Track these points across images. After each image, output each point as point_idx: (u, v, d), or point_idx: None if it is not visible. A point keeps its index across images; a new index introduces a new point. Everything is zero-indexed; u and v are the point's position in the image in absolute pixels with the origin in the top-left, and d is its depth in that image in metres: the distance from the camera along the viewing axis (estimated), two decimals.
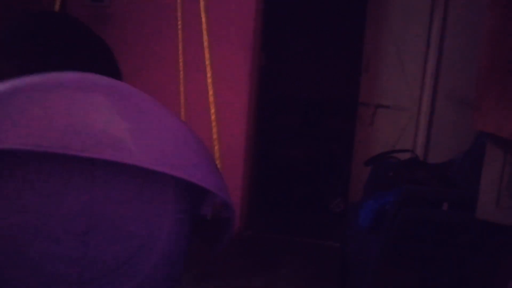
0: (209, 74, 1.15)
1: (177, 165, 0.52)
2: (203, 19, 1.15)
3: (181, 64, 1.16)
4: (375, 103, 3.06)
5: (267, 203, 3.83)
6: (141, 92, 0.55)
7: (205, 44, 1.19)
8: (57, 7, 1.09)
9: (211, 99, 1.09)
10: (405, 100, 2.90)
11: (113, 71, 0.67)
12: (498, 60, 1.50)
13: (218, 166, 0.95)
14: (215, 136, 1.06)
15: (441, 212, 2.08)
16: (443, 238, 1.89)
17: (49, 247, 0.52)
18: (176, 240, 0.57)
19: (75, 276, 0.53)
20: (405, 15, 2.89)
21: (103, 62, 0.67)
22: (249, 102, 3.03)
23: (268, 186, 4.03)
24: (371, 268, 1.93)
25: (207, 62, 1.17)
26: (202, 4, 1.15)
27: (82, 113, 0.49)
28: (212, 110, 1.09)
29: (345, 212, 3.07)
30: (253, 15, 2.91)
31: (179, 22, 1.20)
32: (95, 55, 0.66)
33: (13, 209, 0.51)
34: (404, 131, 2.91)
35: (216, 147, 1.06)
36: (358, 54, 3.25)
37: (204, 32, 1.19)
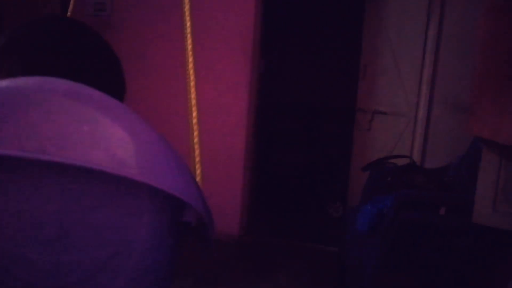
0: (192, 77, 1.16)
1: (146, 172, 0.50)
2: (188, 23, 1.17)
3: (191, 71, 1.16)
4: (373, 109, 3.09)
5: (266, 207, 3.84)
6: (118, 102, 0.54)
7: (189, 48, 1.21)
8: (69, 13, 1.10)
9: (193, 101, 1.07)
10: (402, 106, 2.93)
11: (119, 78, 0.70)
12: (492, 66, 1.53)
13: (199, 173, 0.96)
14: (196, 139, 1.03)
15: (438, 216, 2.11)
16: (440, 242, 1.91)
17: (18, 251, 0.51)
18: (154, 249, 0.55)
19: (49, 283, 0.52)
20: (402, 22, 2.93)
21: (110, 69, 0.68)
22: (249, 108, 3.06)
23: (267, 191, 4.05)
24: (369, 272, 1.95)
25: (190, 66, 1.18)
26: (187, 8, 1.15)
27: (53, 119, 0.48)
28: (194, 114, 1.08)
29: (343, 217, 3.09)
30: (253, 23, 2.94)
31: (188, 28, 1.21)
32: (102, 62, 0.67)
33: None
34: (401, 136, 2.94)
35: (197, 152, 1.02)
36: (355, 61, 3.28)
37: (188, 36, 1.20)
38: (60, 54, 0.63)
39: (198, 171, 0.96)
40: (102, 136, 0.49)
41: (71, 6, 1.19)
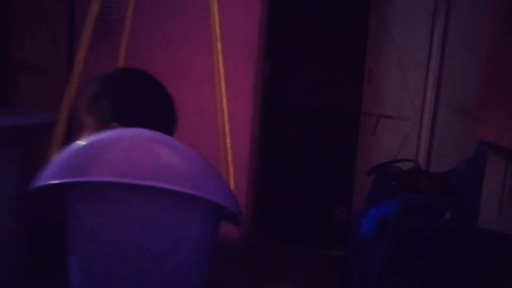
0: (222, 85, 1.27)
1: (201, 189, 0.76)
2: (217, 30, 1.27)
3: (222, 78, 1.25)
4: (378, 113, 3.08)
5: (270, 211, 3.84)
6: (176, 140, 0.80)
7: (218, 55, 1.31)
8: (120, 63, 1.33)
9: (225, 115, 1.28)
10: (407, 110, 2.93)
11: (174, 115, 1.00)
12: (498, 70, 1.52)
13: (232, 175, 1.24)
14: (228, 146, 1.26)
15: (444, 221, 2.09)
16: (445, 247, 1.90)
17: (116, 239, 0.77)
18: (203, 237, 0.82)
19: (135, 257, 0.77)
20: (407, 26, 2.92)
21: (168, 109, 0.97)
22: (253, 112, 3.06)
23: (272, 194, 4.05)
24: (374, 277, 1.94)
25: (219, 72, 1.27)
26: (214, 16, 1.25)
27: (144, 156, 0.74)
28: (226, 126, 1.21)
29: (348, 221, 3.08)
30: (257, 27, 2.95)
31: (217, 34, 1.29)
32: (163, 105, 0.97)
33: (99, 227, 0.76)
34: (406, 140, 2.93)
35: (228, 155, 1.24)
36: (360, 65, 3.28)
37: (218, 44, 1.30)
38: (136, 99, 0.91)
39: (231, 176, 1.24)
40: (168, 165, 0.75)
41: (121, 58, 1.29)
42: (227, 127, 1.23)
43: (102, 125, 0.87)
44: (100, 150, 0.74)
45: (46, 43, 3.03)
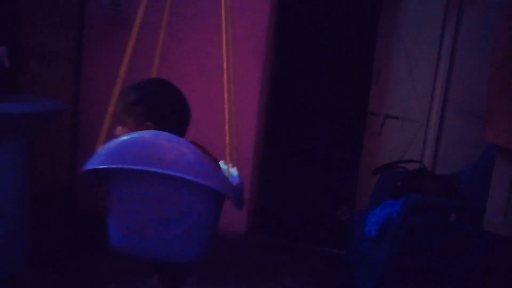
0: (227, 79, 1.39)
1: (201, 176, 1.05)
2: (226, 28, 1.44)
3: (229, 72, 1.41)
4: (384, 113, 3.07)
5: (273, 208, 3.84)
6: (188, 142, 1.10)
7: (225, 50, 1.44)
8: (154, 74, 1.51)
9: (231, 107, 1.35)
10: (415, 111, 2.92)
11: (187, 114, 1.31)
12: (509, 73, 1.52)
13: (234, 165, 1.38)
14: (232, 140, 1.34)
15: (448, 223, 2.09)
16: (449, 249, 1.89)
17: (143, 206, 1.09)
18: (207, 207, 1.11)
19: (156, 219, 1.07)
20: (417, 27, 2.91)
21: (184, 110, 1.29)
22: (259, 109, 3.05)
23: (275, 191, 4.04)
24: (377, 277, 1.94)
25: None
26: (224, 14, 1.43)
27: (162, 151, 1.04)
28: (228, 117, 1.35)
29: (351, 220, 3.08)
30: (267, 24, 2.94)
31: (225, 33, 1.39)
32: (181, 105, 1.29)
33: (131, 199, 1.08)
34: (413, 141, 2.93)
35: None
36: (368, 65, 3.27)
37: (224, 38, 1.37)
38: (163, 103, 1.24)
39: (233, 166, 1.37)
40: (181, 158, 1.04)
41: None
42: (232, 123, 1.32)
43: (139, 124, 1.17)
44: (132, 146, 1.05)
45: (56, 30, 3.04)
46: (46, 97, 2.61)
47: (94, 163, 1.06)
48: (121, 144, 1.05)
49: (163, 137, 1.06)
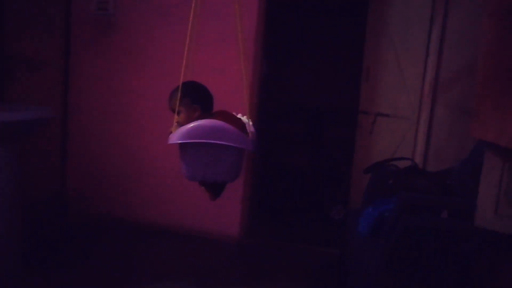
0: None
1: (235, 142, 1.70)
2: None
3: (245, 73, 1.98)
4: (375, 111, 3.08)
5: (268, 209, 3.83)
6: (222, 122, 1.71)
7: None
8: (181, 80, 1.79)
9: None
10: (405, 108, 2.92)
11: (211, 101, 1.90)
12: (496, 69, 1.52)
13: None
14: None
15: (441, 220, 2.09)
16: (442, 246, 1.90)
17: (201, 157, 1.75)
18: (237, 156, 1.76)
19: (210, 162, 1.73)
20: (405, 25, 2.92)
21: (210, 98, 1.90)
22: (249, 110, 3.03)
23: (269, 192, 4.04)
24: (371, 275, 1.94)
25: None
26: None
27: (210, 130, 1.69)
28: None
29: (345, 219, 3.08)
30: (255, 24, 2.93)
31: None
32: (208, 96, 1.89)
33: (198, 154, 1.73)
34: (404, 139, 2.93)
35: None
36: (358, 63, 3.28)
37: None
38: (199, 95, 1.86)
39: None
40: (225, 132, 1.69)
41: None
42: (247, 91, 1.96)
43: (189, 110, 1.79)
44: (194, 129, 1.66)
45: (42, 37, 3.01)
46: (33, 104, 2.58)
47: (179, 138, 1.67)
48: (191, 128, 1.67)
49: (213, 123, 1.69)
